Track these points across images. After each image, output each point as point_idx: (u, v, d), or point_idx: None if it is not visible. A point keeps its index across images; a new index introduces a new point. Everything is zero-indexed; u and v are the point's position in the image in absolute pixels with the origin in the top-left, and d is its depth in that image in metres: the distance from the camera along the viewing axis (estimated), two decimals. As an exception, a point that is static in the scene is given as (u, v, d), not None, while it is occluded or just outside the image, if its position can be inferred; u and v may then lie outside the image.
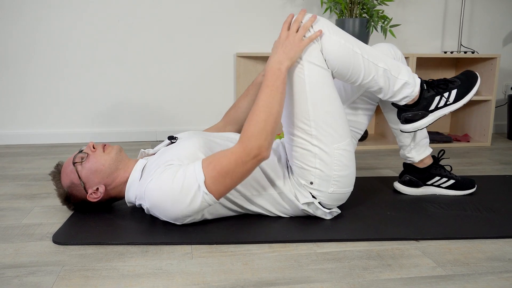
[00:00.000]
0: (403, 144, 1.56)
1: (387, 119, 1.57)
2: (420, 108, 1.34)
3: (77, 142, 2.57)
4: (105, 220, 1.33)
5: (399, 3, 2.76)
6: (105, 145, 1.34)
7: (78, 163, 1.30)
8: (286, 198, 1.31)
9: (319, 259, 1.12)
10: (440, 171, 1.58)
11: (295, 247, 1.19)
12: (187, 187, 1.15)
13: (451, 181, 1.58)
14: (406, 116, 1.37)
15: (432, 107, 1.35)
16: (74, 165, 1.30)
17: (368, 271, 1.06)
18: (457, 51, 2.64)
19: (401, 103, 1.34)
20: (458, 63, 2.83)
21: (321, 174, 1.25)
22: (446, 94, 1.34)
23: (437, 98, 1.34)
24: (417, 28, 2.81)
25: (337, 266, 1.08)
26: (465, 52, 2.62)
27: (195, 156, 1.23)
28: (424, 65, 2.82)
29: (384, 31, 2.38)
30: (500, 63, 2.93)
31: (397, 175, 1.90)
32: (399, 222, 1.34)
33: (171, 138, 1.38)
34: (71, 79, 2.53)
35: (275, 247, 1.19)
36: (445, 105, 1.35)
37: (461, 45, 2.72)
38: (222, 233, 1.24)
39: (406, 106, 1.35)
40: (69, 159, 1.33)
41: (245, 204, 1.31)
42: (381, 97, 1.32)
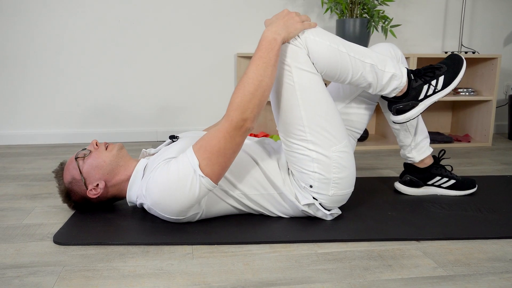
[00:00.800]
0: (403, 144, 1.56)
1: (388, 119, 1.56)
2: (410, 98, 1.35)
3: (78, 142, 2.57)
4: (105, 221, 1.33)
5: (399, 3, 2.75)
6: (108, 143, 1.37)
7: (80, 158, 1.32)
8: (287, 198, 1.30)
9: (320, 260, 1.12)
10: (441, 171, 1.58)
11: (296, 247, 1.19)
12: (183, 175, 1.15)
13: (452, 181, 1.58)
14: (397, 108, 1.37)
15: (421, 96, 1.35)
16: (76, 160, 1.32)
17: (369, 272, 1.06)
18: (458, 51, 2.64)
19: (391, 95, 1.34)
20: (458, 63, 2.83)
21: (320, 177, 1.25)
22: (433, 82, 1.34)
23: (425, 87, 1.35)
24: (417, 28, 2.81)
25: (338, 267, 1.08)
26: (465, 52, 2.62)
27: None
28: (424, 65, 2.81)
29: (384, 31, 2.38)
30: (501, 63, 2.93)
31: (397, 175, 1.90)
32: (400, 223, 1.34)
33: (172, 137, 1.38)
34: (72, 79, 2.53)
35: (276, 247, 1.19)
36: (434, 92, 1.35)
37: (461, 45, 2.71)
38: (222, 233, 1.24)
39: (396, 98, 1.36)
40: (72, 156, 1.36)
41: (246, 201, 1.31)
42: (371, 92, 1.32)
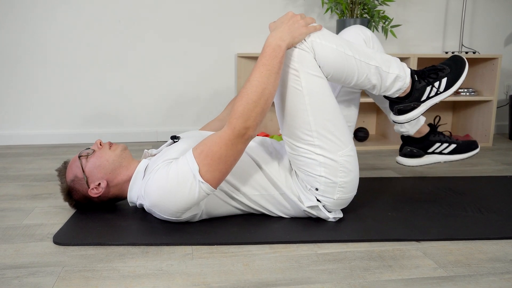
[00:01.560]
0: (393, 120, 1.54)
1: (374, 99, 1.54)
2: (412, 99, 1.35)
3: (79, 143, 2.57)
4: (105, 221, 1.33)
5: (400, 3, 2.75)
6: (111, 143, 1.37)
7: (83, 157, 1.33)
8: (289, 199, 1.30)
9: (319, 260, 1.12)
10: (439, 137, 1.54)
11: (295, 248, 1.19)
12: (183, 179, 1.14)
13: (453, 146, 1.53)
14: (399, 108, 1.37)
15: (423, 97, 1.35)
16: (80, 158, 1.32)
17: (369, 272, 1.06)
18: (458, 52, 2.64)
19: (394, 96, 1.34)
20: (459, 64, 2.82)
21: (326, 181, 1.25)
22: (436, 84, 1.34)
23: (428, 88, 1.34)
24: (418, 28, 2.81)
25: (338, 267, 1.08)
26: (466, 53, 2.61)
27: None
28: (425, 65, 2.81)
29: (385, 31, 2.37)
30: (502, 64, 2.93)
31: (398, 175, 1.89)
32: (400, 223, 1.33)
33: (173, 138, 1.39)
34: (72, 79, 2.53)
35: (275, 247, 1.19)
36: (436, 94, 1.35)
37: (462, 45, 2.71)
38: (222, 233, 1.24)
39: (398, 98, 1.35)
40: (76, 155, 1.36)
41: (246, 201, 1.31)
42: (375, 92, 1.32)
